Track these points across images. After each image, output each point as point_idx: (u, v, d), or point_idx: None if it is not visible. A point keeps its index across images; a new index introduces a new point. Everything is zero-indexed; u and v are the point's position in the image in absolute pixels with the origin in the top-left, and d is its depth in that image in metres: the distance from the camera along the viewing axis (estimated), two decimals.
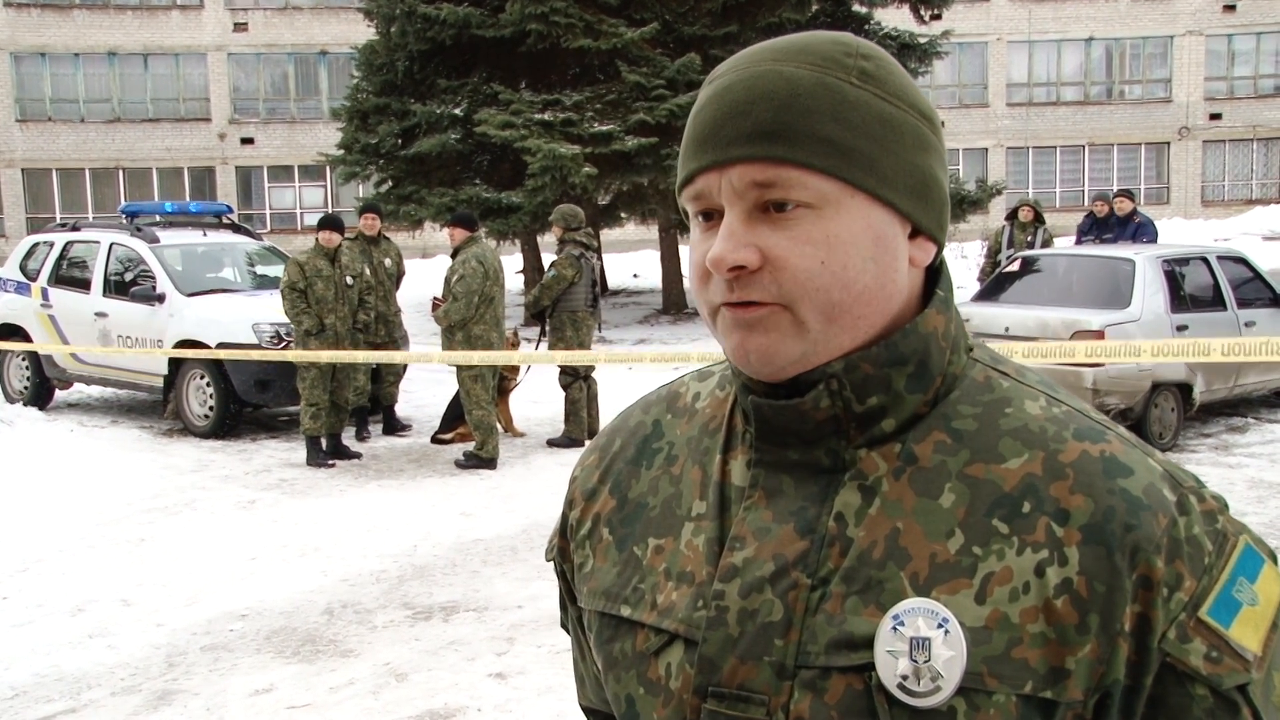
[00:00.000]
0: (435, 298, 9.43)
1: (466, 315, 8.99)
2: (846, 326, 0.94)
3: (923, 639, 0.89)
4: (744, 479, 1.01)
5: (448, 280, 9.15)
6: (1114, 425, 0.99)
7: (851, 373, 0.95)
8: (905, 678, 0.89)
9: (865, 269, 0.93)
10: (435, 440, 10.13)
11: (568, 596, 1.17)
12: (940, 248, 1.01)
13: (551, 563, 1.18)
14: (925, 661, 0.89)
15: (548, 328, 9.88)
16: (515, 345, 10.20)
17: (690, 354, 8.32)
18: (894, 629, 0.90)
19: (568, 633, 1.21)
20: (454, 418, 10.03)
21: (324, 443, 9.50)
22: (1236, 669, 0.90)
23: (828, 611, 0.93)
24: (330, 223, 9.62)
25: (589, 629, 1.10)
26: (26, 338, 12.17)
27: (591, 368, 10.01)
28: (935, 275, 1.02)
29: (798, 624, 0.94)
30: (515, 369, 10.19)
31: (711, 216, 0.97)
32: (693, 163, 0.96)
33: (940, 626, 0.90)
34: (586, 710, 1.24)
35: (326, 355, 9.15)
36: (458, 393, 9.66)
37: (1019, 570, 0.91)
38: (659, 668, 1.00)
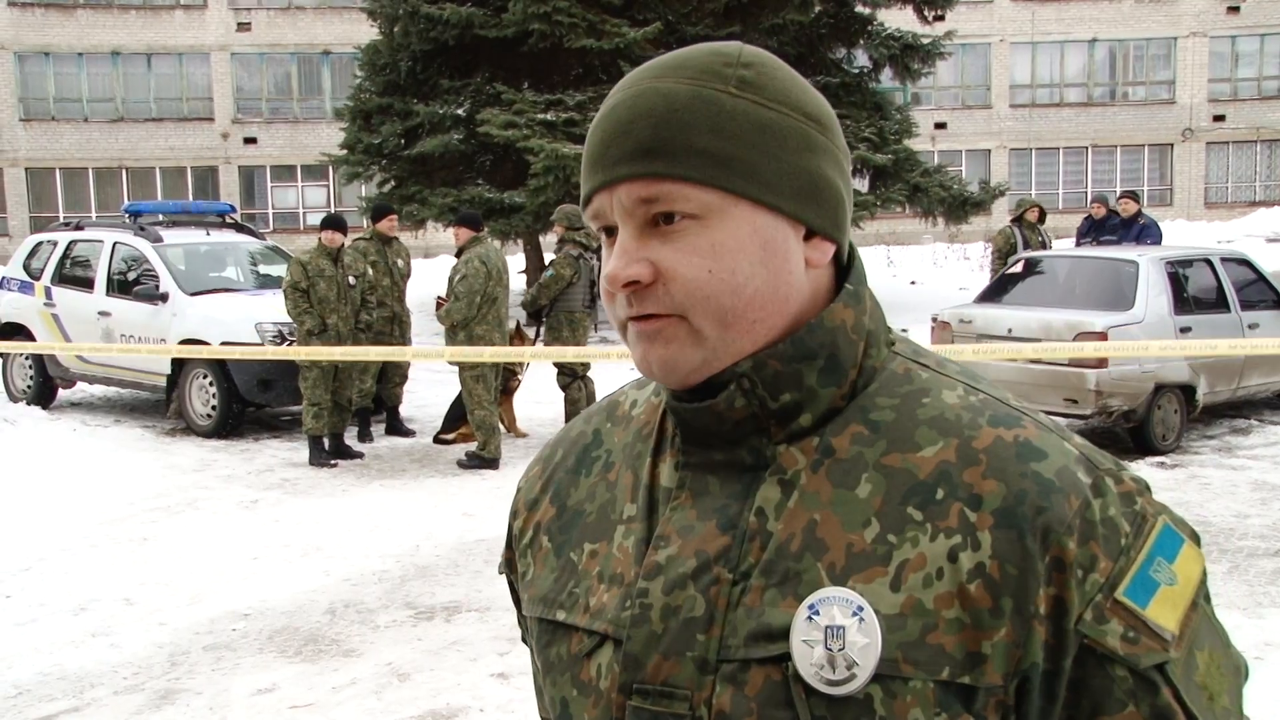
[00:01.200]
0: (440, 297, 9.42)
1: (469, 315, 8.98)
2: (743, 331, 0.96)
3: (837, 627, 0.90)
4: (672, 480, 1.02)
5: (451, 280, 9.16)
6: (1032, 412, 1.00)
7: (760, 370, 0.96)
8: (821, 667, 0.90)
9: (754, 274, 0.95)
10: (438, 440, 10.13)
11: (518, 607, 1.18)
12: (840, 246, 1.01)
13: (504, 576, 1.19)
14: (840, 650, 0.90)
15: (544, 327, 9.89)
16: (522, 339, 10.18)
17: None
18: (809, 618, 0.91)
19: (528, 646, 1.21)
20: (456, 418, 10.02)
21: (326, 442, 9.50)
22: (1154, 649, 0.90)
23: (747, 605, 0.94)
24: (333, 223, 9.62)
25: (530, 636, 1.11)
26: (30, 337, 12.18)
27: (588, 367, 10.01)
28: (848, 274, 1.03)
29: (719, 619, 0.94)
30: (518, 367, 10.17)
31: (613, 233, 0.99)
32: (587, 184, 0.99)
33: (855, 615, 0.90)
34: None
35: (339, 353, 9.17)
36: (460, 393, 9.66)
37: (932, 556, 0.91)
38: (590, 669, 1.01)
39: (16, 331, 12.30)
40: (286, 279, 9.47)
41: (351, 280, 9.59)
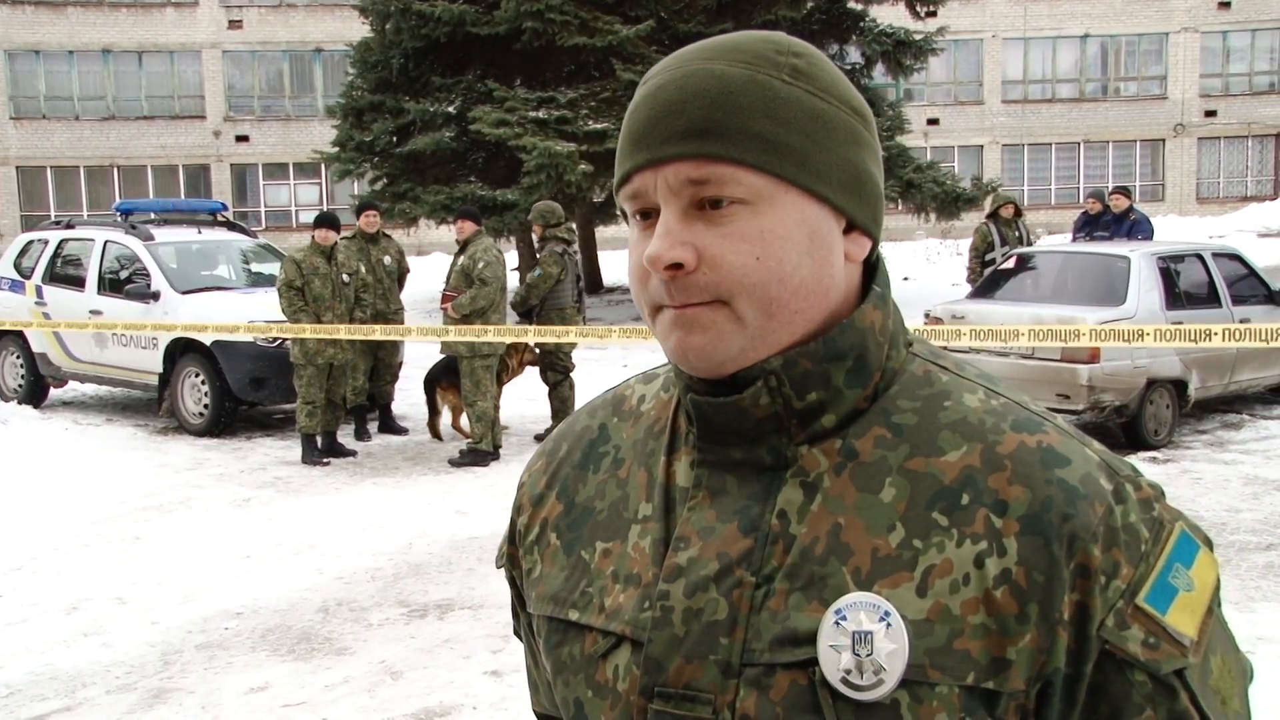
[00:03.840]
0: (446, 289, 9.37)
1: (491, 301, 9.00)
2: (784, 321, 0.95)
3: (865, 633, 0.90)
4: (688, 479, 1.01)
5: (466, 271, 9.11)
6: (1051, 416, 1.00)
7: (790, 369, 0.95)
8: (848, 672, 0.90)
9: (801, 264, 0.94)
10: (431, 426, 10.16)
11: (518, 603, 1.17)
12: (875, 242, 1.01)
13: (502, 570, 1.18)
14: (868, 655, 0.89)
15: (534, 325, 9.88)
16: (531, 358, 10.15)
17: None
18: (836, 624, 0.91)
19: (520, 640, 1.21)
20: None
21: (319, 440, 9.49)
22: (1174, 654, 0.91)
23: (772, 609, 0.94)
24: (326, 220, 9.62)
25: (538, 634, 1.10)
26: (22, 336, 12.15)
27: (572, 366, 10.02)
28: (873, 271, 1.02)
29: (742, 622, 0.94)
30: (521, 366, 10.15)
31: (649, 216, 0.97)
32: (628, 162, 0.97)
33: (882, 620, 0.90)
34: (540, 717, 1.23)
35: (342, 330, 9.18)
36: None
37: (959, 562, 0.91)
38: (607, 670, 1.00)
39: (7, 331, 12.27)
40: (281, 277, 9.45)
41: (345, 278, 9.58)
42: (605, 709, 0.99)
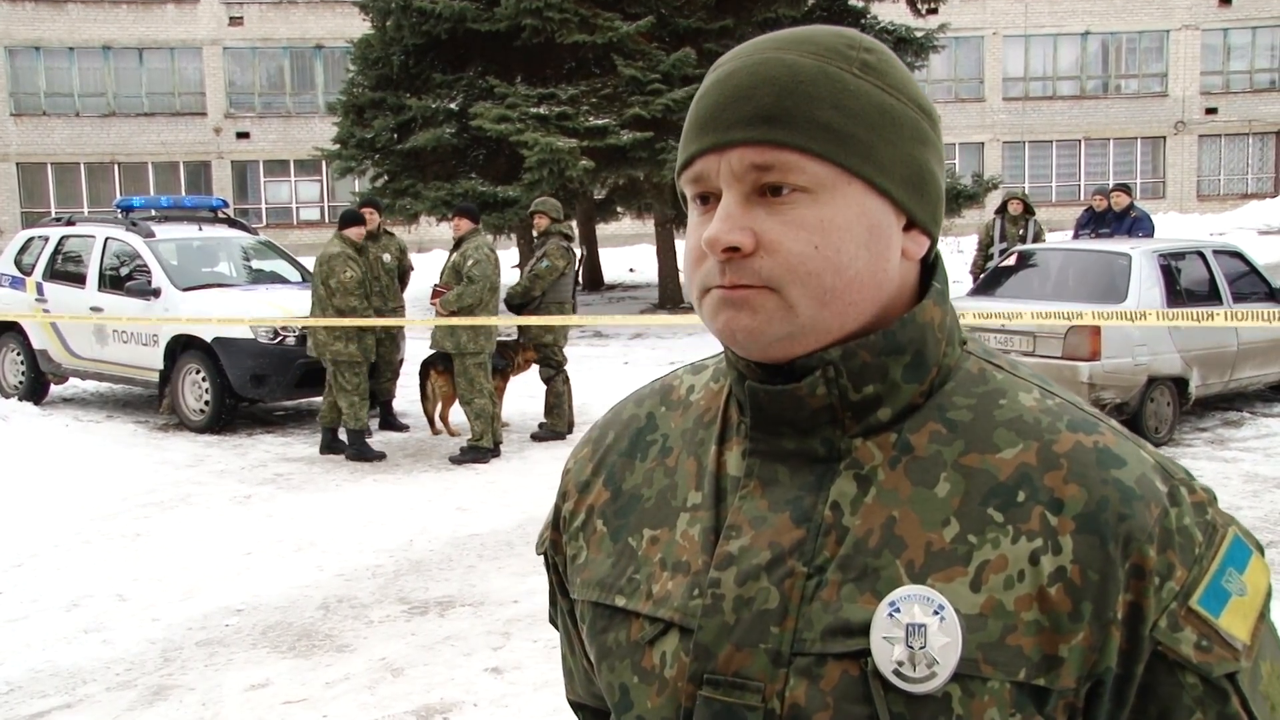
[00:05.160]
0: (437, 285, 9.38)
1: (479, 299, 9.00)
2: (836, 312, 0.95)
3: (918, 625, 0.90)
4: (739, 469, 1.01)
5: (456, 268, 9.13)
6: (1106, 418, 1.00)
7: (849, 360, 0.96)
8: (901, 664, 0.90)
9: (858, 255, 0.94)
10: (426, 414, 10.19)
11: (559, 590, 1.17)
12: (934, 242, 1.02)
13: (543, 556, 1.18)
14: (921, 648, 0.90)
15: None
16: (529, 360, 10.16)
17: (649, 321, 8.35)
18: (890, 615, 0.91)
19: (556, 628, 1.21)
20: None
21: (368, 432, 9.65)
22: (1226, 658, 0.91)
23: (824, 599, 0.94)
24: (358, 218, 9.83)
25: (582, 620, 1.10)
26: (22, 333, 12.15)
27: (565, 361, 10.03)
28: (930, 270, 1.03)
29: (794, 612, 0.94)
30: (527, 363, 10.15)
31: (709, 200, 0.97)
32: (693, 145, 0.97)
33: (936, 613, 0.90)
34: (575, 705, 1.24)
35: (345, 320, 9.22)
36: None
37: (1014, 558, 0.91)
38: (654, 656, 1.00)
39: (8, 328, 12.27)
40: (351, 274, 9.37)
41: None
42: (652, 695, 0.99)
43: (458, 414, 9.78)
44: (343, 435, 9.58)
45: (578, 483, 1.14)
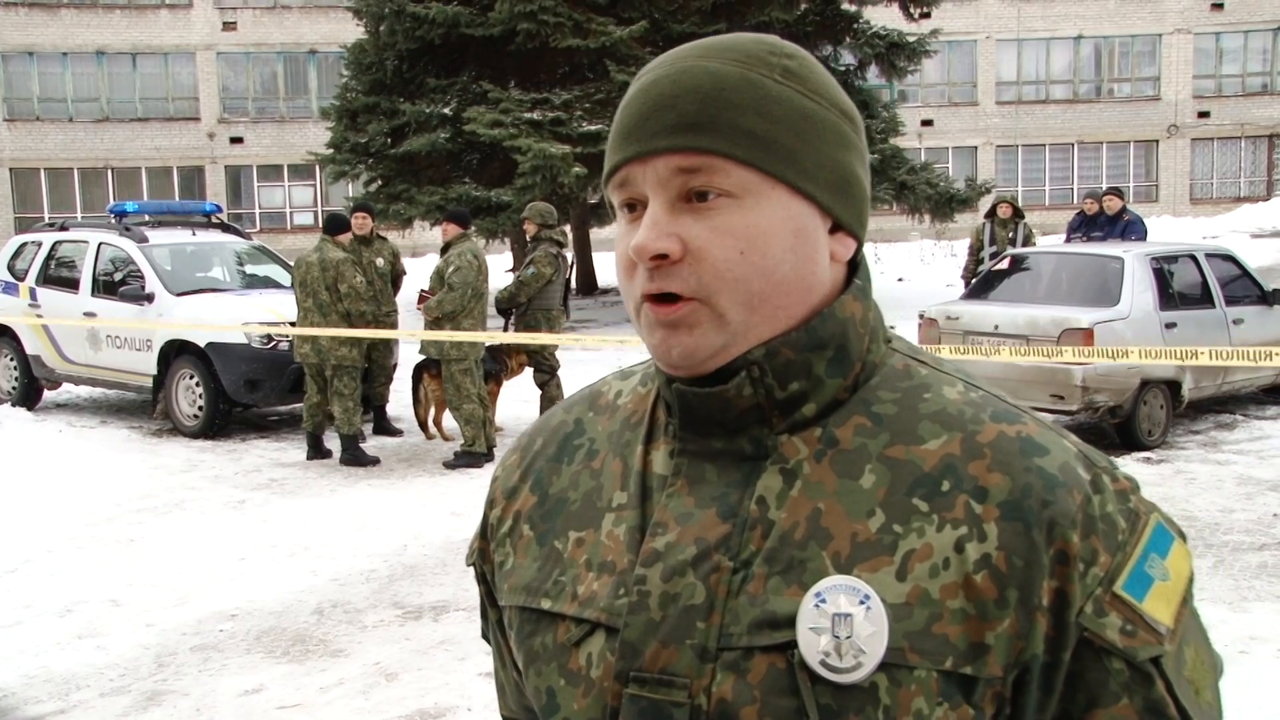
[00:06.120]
0: (423, 290, 9.41)
1: (460, 307, 8.99)
2: (766, 316, 0.96)
3: (844, 615, 0.90)
4: (666, 468, 1.02)
5: (440, 273, 9.15)
6: (1029, 410, 1.01)
7: (773, 359, 0.96)
8: (827, 655, 0.90)
9: (785, 260, 0.95)
10: (418, 418, 10.18)
11: (488, 600, 1.16)
12: (860, 243, 1.03)
13: (472, 567, 1.17)
14: (847, 638, 0.90)
15: (520, 325, 9.90)
16: (522, 365, 10.16)
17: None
18: (816, 606, 0.91)
19: (489, 643, 1.20)
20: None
21: (361, 437, 9.62)
22: (1150, 642, 0.92)
23: (750, 593, 0.94)
24: (345, 223, 9.87)
25: (510, 627, 1.09)
26: (14, 338, 12.13)
27: (558, 365, 10.04)
28: (857, 270, 1.04)
29: (720, 606, 0.94)
30: (520, 367, 10.15)
31: (635, 208, 0.98)
32: (619, 154, 0.98)
33: (862, 603, 0.90)
34: None
35: (329, 332, 9.17)
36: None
37: (939, 547, 0.92)
38: (580, 658, 1.00)
39: (1, 333, 12.25)
40: (359, 279, 9.44)
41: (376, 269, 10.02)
42: (578, 696, 0.99)
43: (451, 419, 9.77)
44: (330, 441, 9.59)
45: (505, 489, 1.14)
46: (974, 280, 11.69)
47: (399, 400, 11.26)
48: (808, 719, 0.90)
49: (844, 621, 0.90)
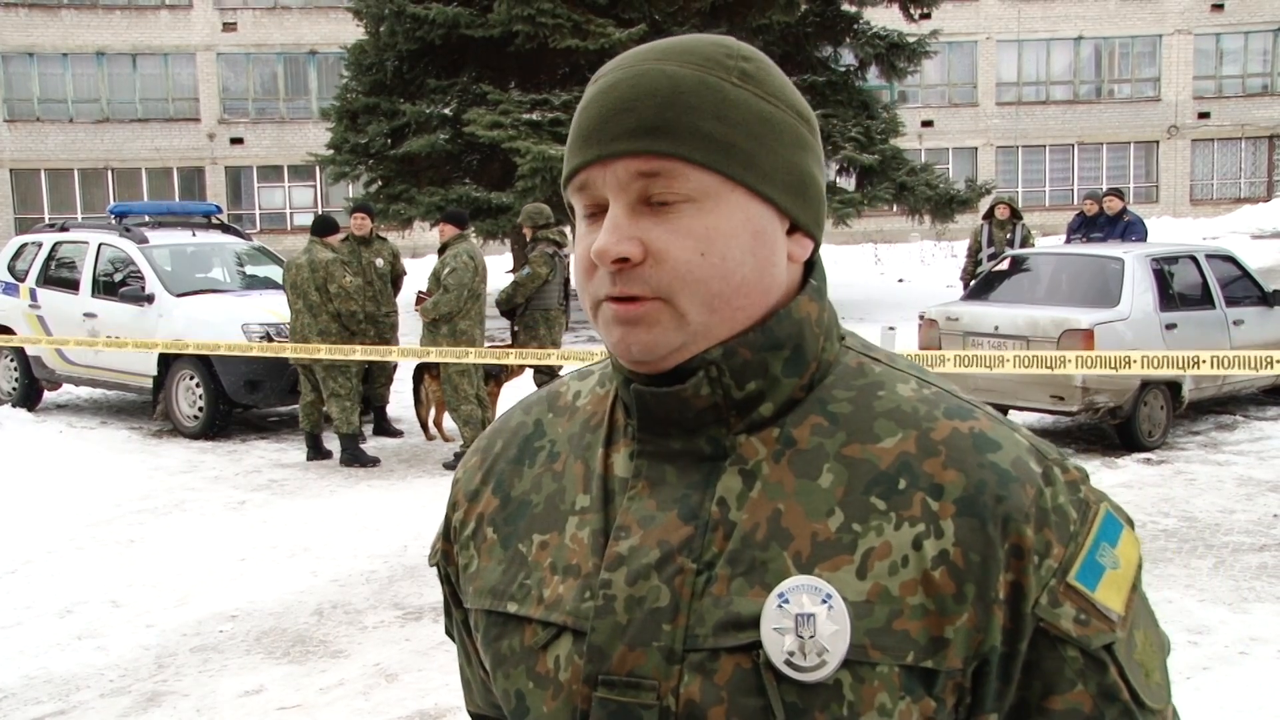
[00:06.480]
0: (420, 292, 9.42)
1: (455, 308, 8.98)
2: (725, 317, 0.97)
3: (807, 615, 0.92)
4: (627, 470, 1.03)
5: (436, 274, 9.15)
6: (981, 405, 1.03)
7: (730, 359, 0.97)
8: (792, 654, 0.92)
9: (744, 261, 0.96)
10: (419, 418, 10.19)
11: (452, 600, 1.17)
12: (817, 244, 1.04)
13: (435, 568, 1.18)
14: (811, 637, 0.92)
15: (519, 326, 9.90)
16: (521, 367, 10.18)
17: None
18: (779, 606, 0.93)
19: (453, 640, 1.21)
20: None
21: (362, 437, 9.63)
22: (1103, 629, 0.95)
23: (714, 594, 0.95)
24: (334, 225, 9.87)
25: (476, 629, 1.10)
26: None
27: (559, 367, 10.03)
28: (812, 271, 1.05)
29: (685, 608, 0.95)
30: (520, 369, 10.15)
31: (596, 212, 0.99)
32: (578, 157, 0.99)
33: (824, 602, 0.92)
34: (475, 718, 1.23)
35: (323, 350, 9.13)
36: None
37: (897, 544, 0.94)
38: (548, 661, 1.01)
39: (1, 333, 12.25)
40: (359, 283, 9.52)
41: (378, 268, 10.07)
42: (547, 699, 1.00)
43: (451, 420, 9.77)
44: (329, 440, 9.59)
45: (467, 491, 1.14)
46: (973, 281, 11.70)
47: (400, 401, 11.26)
48: (774, 718, 0.92)
49: (807, 621, 0.92)
